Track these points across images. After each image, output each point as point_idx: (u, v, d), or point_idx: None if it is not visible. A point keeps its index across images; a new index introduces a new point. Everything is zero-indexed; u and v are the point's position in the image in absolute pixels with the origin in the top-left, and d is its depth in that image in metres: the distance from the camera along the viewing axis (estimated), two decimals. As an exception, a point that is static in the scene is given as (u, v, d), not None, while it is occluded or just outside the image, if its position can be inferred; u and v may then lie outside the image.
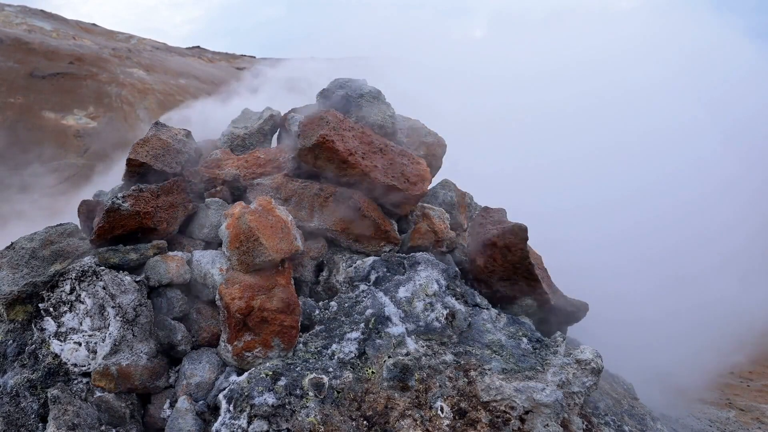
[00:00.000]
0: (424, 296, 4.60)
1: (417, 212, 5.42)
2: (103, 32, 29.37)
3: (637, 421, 5.15)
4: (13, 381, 4.20)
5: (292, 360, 4.15)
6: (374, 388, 4.08)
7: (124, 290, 4.26)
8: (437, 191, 5.92)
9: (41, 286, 4.44)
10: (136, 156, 5.00)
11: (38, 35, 23.50)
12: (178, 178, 5.11)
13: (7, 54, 20.61)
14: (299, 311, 4.39)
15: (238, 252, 4.42)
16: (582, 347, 4.41)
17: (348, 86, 5.85)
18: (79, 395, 4.09)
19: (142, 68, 23.79)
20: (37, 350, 4.27)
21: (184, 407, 4.01)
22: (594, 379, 4.20)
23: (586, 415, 4.51)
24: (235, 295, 4.24)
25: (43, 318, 4.27)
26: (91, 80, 21.09)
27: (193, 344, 4.47)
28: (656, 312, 7.06)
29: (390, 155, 5.28)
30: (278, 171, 5.34)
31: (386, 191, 5.05)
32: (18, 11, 26.73)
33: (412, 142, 5.93)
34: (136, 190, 4.65)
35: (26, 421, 4.07)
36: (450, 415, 4.02)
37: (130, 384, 4.15)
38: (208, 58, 31.40)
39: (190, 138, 5.67)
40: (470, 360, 4.30)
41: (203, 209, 5.06)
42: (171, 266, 4.45)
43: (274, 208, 4.66)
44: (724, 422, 6.47)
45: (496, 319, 4.76)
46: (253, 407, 3.76)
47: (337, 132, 5.06)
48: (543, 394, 4.01)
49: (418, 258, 4.91)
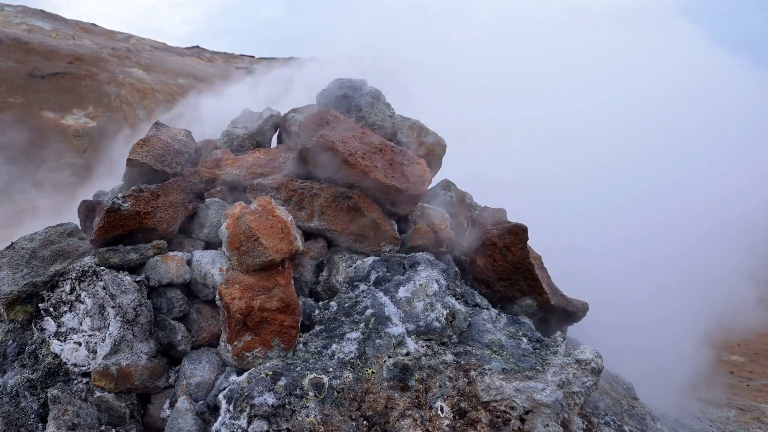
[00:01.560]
0: (424, 296, 4.60)
1: (417, 212, 5.42)
2: (102, 32, 29.37)
3: (637, 421, 5.15)
4: (13, 381, 4.19)
5: (292, 360, 4.15)
6: (374, 388, 4.07)
7: (124, 290, 4.26)
8: (437, 191, 5.92)
9: (41, 286, 4.44)
10: (136, 156, 4.99)
11: (38, 35, 23.50)
12: (178, 178, 5.11)
13: (6, 54, 20.60)
14: (299, 311, 4.39)
15: (238, 252, 4.42)
16: (582, 347, 4.41)
17: (348, 86, 5.85)
18: (79, 395, 4.08)
19: (141, 68, 23.81)
20: (37, 350, 4.26)
21: (184, 407, 4.01)
22: (594, 379, 4.21)
23: (586, 415, 4.51)
24: (235, 295, 4.24)
25: (43, 318, 4.27)
26: (90, 80, 21.10)
27: (193, 344, 4.46)
28: (656, 313, 7.07)
29: (390, 155, 5.28)
30: (278, 171, 5.34)
31: (386, 191, 5.05)
32: (17, 11, 26.73)
33: (412, 142, 5.93)
34: (137, 190, 4.65)
35: (26, 421, 4.07)
36: (450, 415, 4.02)
37: (130, 384, 4.15)
38: (207, 57, 31.41)
39: (190, 138, 5.67)
40: (470, 360, 4.30)
41: (203, 209, 5.06)
42: (171, 266, 4.45)
43: (274, 208, 4.66)
44: (724, 422, 6.48)
45: (496, 319, 4.76)
46: (253, 407, 3.75)
47: (337, 132, 5.07)
48: (543, 394, 4.01)
49: (418, 258, 4.91)
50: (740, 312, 8.72)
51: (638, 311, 6.86)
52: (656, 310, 7.09)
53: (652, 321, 6.90)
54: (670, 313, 7.23)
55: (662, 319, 7.09)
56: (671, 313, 7.26)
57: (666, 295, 7.42)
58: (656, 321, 6.97)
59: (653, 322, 6.90)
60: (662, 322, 7.05)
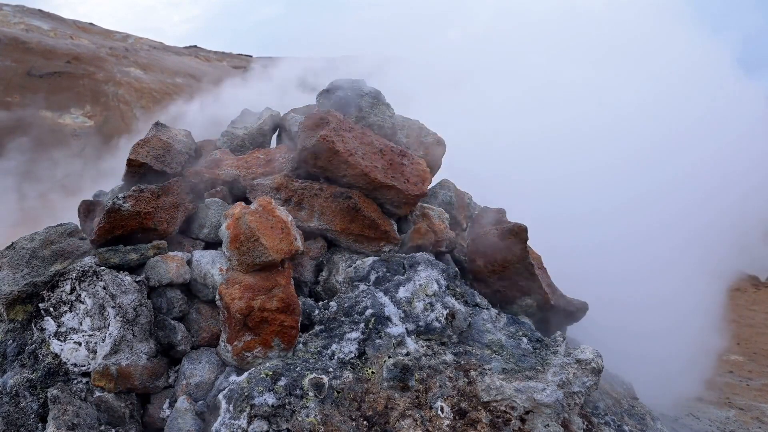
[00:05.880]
0: (424, 296, 4.61)
1: (417, 212, 5.43)
2: (100, 31, 29.34)
3: (637, 421, 5.16)
4: (12, 381, 4.19)
5: (292, 360, 4.15)
6: (374, 388, 4.08)
7: (125, 290, 4.25)
8: (437, 191, 5.93)
9: (41, 286, 4.43)
10: (136, 156, 4.99)
11: (36, 34, 23.47)
12: (179, 179, 5.11)
13: (4, 53, 20.58)
14: (299, 311, 4.39)
15: (238, 252, 4.42)
16: (582, 347, 4.41)
17: (348, 87, 5.85)
18: (79, 395, 4.08)
19: (139, 67, 23.79)
20: (37, 350, 4.26)
21: (184, 407, 4.01)
22: (594, 379, 4.21)
23: (586, 415, 4.52)
24: (235, 296, 4.24)
25: (43, 318, 4.27)
26: (88, 79, 21.08)
27: (192, 344, 4.46)
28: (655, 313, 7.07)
29: (390, 155, 5.28)
30: (278, 171, 5.34)
31: (386, 191, 5.05)
32: (16, 10, 26.70)
33: (412, 142, 5.94)
34: (137, 190, 4.64)
35: (26, 421, 4.06)
36: (450, 415, 4.02)
37: (130, 384, 4.15)
38: (205, 57, 31.38)
39: (190, 138, 5.68)
40: (470, 360, 4.31)
41: (203, 209, 5.06)
42: (171, 266, 4.45)
43: (274, 208, 4.66)
44: (724, 422, 6.49)
45: (496, 319, 4.77)
46: (253, 407, 3.75)
47: (337, 132, 5.07)
48: (543, 394, 4.01)
49: (417, 258, 4.91)
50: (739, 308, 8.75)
51: (638, 311, 6.87)
52: (656, 309, 7.10)
53: (652, 321, 6.91)
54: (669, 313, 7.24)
55: (661, 318, 7.09)
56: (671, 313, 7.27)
57: (666, 295, 7.43)
58: (656, 321, 6.98)
59: (654, 322, 6.91)
60: (661, 321, 7.06)
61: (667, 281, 7.52)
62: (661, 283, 7.43)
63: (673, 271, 7.72)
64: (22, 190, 14.36)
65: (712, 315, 7.82)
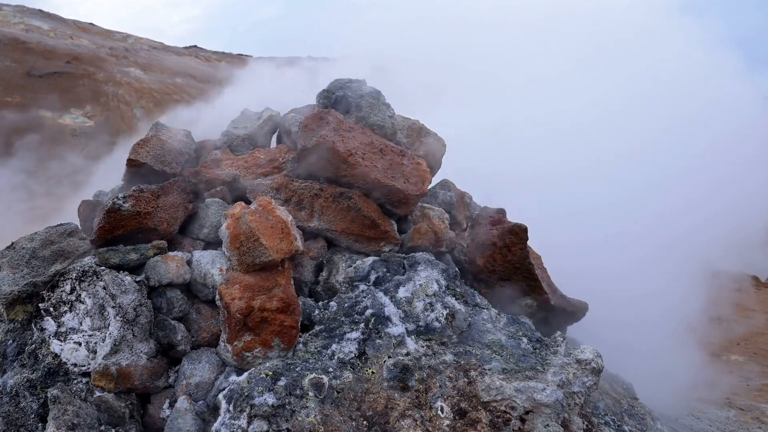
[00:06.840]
0: (424, 296, 4.60)
1: (417, 212, 5.43)
2: (100, 32, 29.33)
3: (637, 421, 5.16)
4: (12, 381, 4.19)
5: (292, 360, 4.15)
6: (374, 388, 4.07)
7: (125, 290, 4.25)
8: (437, 191, 5.93)
9: (41, 286, 4.43)
10: (136, 156, 5.00)
11: (36, 35, 23.45)
12: (179, 179, 5.11)
13: (4, 53, 20.57)
14: (299, 311, 4.38)
15: (238, 252, 4.42)
16: (582, 347, 4.41)
17: (348, 87, 5.85)
18: (79, 395, 4.08)
19: (138, 67, 23.78)
20: (37, 350, 4.26)
21: (184, 407, 4.00)
22: (594, 379, 4.21)
23: (586, 415, 4.52)
24: (235, 296, 4.24)
25: (43, 318, 4.27)
26: (88, 79, 21.06)
27: (192, 344, 4.46)
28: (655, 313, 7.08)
29: (390, 155, 5.28)
30: (278, 171, 5.34)
31: (386, 191, 5.05)
32: (16, 11, 26.69)
33: (412, 142, 5.94)
34: (137, 190, 4.64)
35: (26, 421, 4.06)
36: (450, 415, 4.02)
37: (130, 384, 4.15)
38: (205, 57, 31.37)
39: (189, 138, 5.68)
40: (470, 360, 4.30)
41: (203, 209, 5.06)
42: (171, 266, 4.45)
43: (274, 208, 4.66)
44: (724, 422, 6.48)
45: (496, 319, 4.76)
46: (253, 407, 3.75)
47: (337, 132, 5.07)
48: (543, 394, 4.01)
49: (417, 258, 4.91)
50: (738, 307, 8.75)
51: (637, 309, 6.88)
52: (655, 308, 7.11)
53: (651, 321, 6.91)
54: (669, 313, 7.24)
55: (661, 318, 7.10)
56: (671, 312, 7.27)
57: (666, 294, 7.43)
58: (656, 321, 6.98)
59: (652, 322, 6.91)
60: (661, 321, 7.07)
61: (662, 275, 7.53)
62: (658, 277, 7.44)
63: (668, 267, 7.73)
64: (22, 190, 14.37)
65: (708, 308, 7.81)
